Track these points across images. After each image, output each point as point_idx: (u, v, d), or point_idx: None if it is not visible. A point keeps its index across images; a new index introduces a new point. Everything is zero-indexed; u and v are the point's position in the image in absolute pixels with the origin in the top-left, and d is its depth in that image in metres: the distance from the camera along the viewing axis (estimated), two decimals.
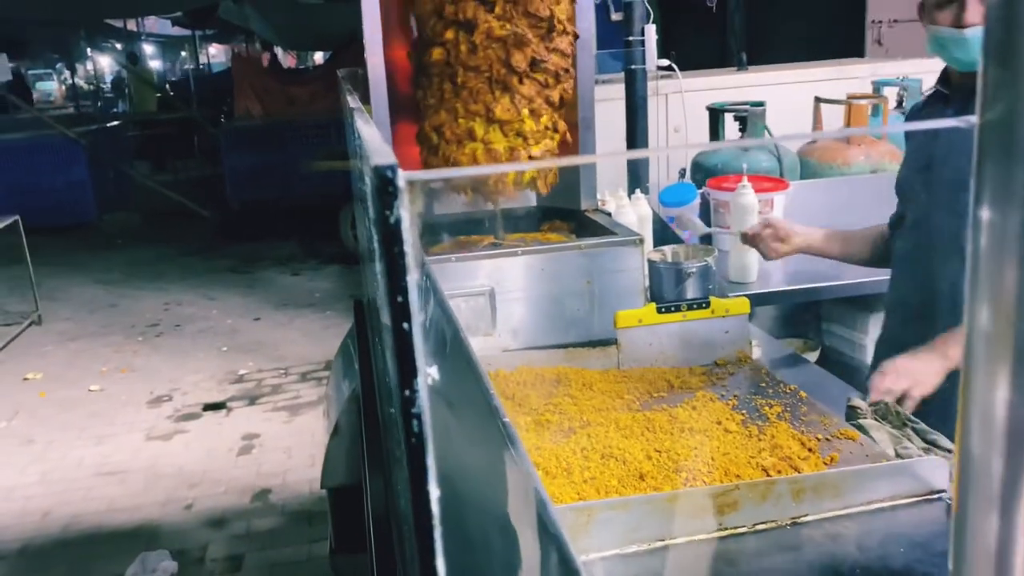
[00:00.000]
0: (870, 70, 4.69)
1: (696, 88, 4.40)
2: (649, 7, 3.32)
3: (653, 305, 1.89)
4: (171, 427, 4.49)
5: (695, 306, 1.89)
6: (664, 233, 2.81)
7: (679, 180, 3.04)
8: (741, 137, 3.60)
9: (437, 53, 2.22)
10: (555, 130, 2.24)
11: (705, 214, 3.09)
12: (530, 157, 2.20)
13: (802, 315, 3.13)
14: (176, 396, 4.88)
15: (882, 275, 2.61)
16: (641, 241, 2.08)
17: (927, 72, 4.51)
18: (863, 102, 3.54)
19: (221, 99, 13.23)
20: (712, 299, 1.90)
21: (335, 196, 7.87)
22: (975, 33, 1.80)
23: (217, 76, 17.30)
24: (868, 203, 3.37)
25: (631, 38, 3.26)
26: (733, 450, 1.44)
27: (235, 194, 9.28)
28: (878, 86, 4.19)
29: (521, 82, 2.16)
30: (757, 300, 2.62)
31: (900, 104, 4.15)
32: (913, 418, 1.61)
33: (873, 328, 2.79)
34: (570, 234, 2.43)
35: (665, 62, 3.75)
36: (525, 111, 2.18)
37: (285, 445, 4.19)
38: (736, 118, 3.61)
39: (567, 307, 2.07)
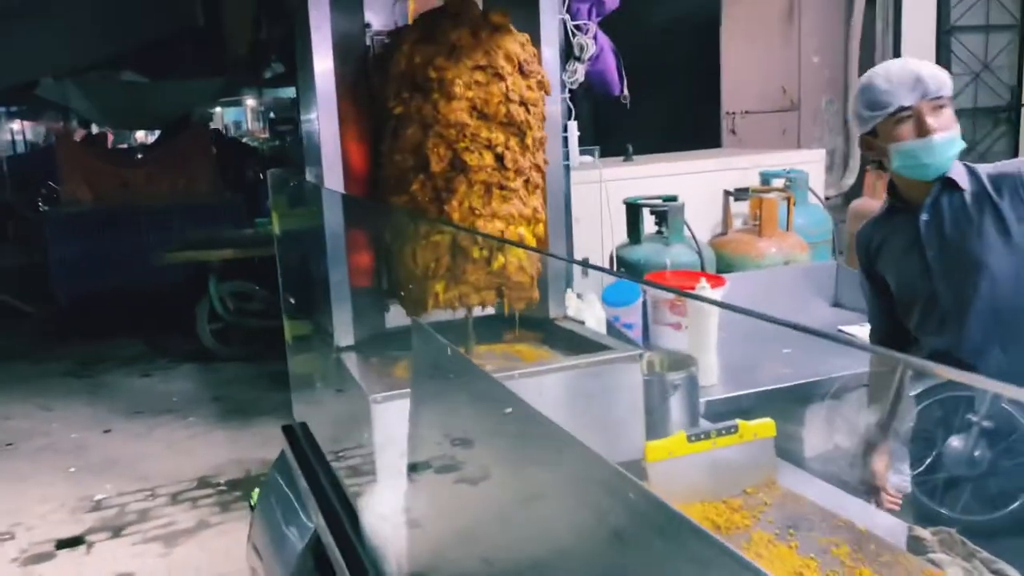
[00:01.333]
0: (750, 161, 4.87)
1: (591, 180, 4.40)
2: (571, 103, 3.27)
3: (682, 434, 1.73)
4: (18, 574, 3.81)
5: (723, 432, 1.74)
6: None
7: (617, 278, 2.94)
8: (659, 232, 3.58)
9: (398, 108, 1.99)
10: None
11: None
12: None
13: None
14: (19, 533, 4.18)
15: (839, 371, 2.61)
16: (641, 356, 1.94)
17: (805, 163, 4.76)
18: (772, 196, 3.63)
19: (39, 181, 12.14)
20: (740, 423, 1.77)
21: (186, 286, 7.31)
22: (943, 136, 1.90)
23: (34, 156, 16.00)
24: (793, 291, 3.44)
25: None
26: None
27: (63, 287, 8.44)
28: (766, 177, 4.35)
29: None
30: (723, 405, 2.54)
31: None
32: (976, 548, 1.53)
33: None
34: (541, 344, 2.25)
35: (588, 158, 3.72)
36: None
37: None
38: (652, 212, 3.59)
39: None
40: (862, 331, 3.09)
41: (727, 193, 3.86)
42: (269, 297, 6.71)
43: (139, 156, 11.43)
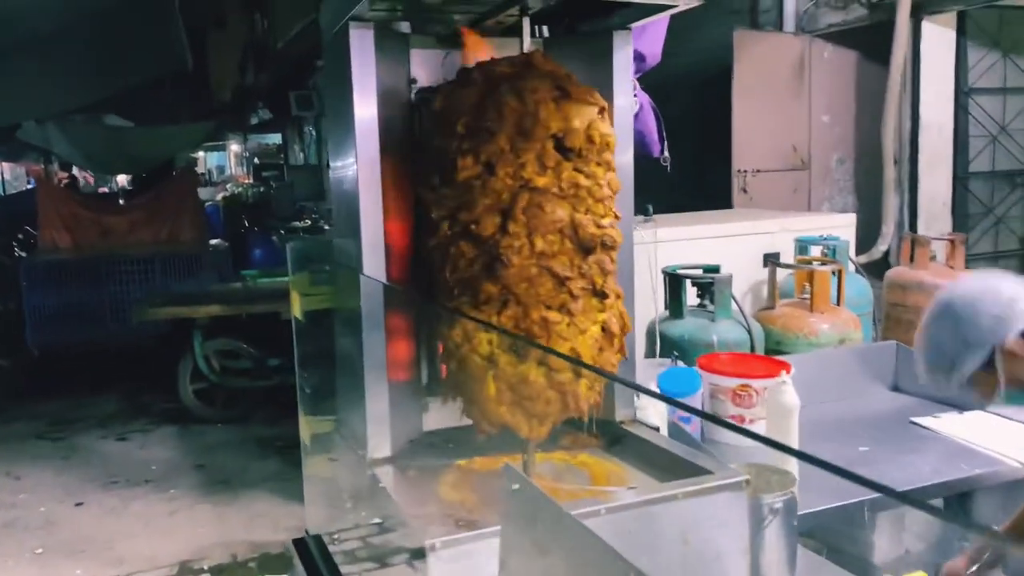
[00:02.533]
0: (778, 224, 4.60)
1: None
2: None
3: None
4: None
5: None
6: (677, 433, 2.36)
7: (674, 362, 2.62)
8: (702, 305, 3.27)
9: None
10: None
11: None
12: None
13: None
14: None
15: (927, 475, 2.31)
16: (748, 483, 1.61)
17: (836, 227, 4.50)
18: (824, 268, 3.35)
19: (15, 226, 11.73)
20: None
21: (167, 342, 6.91)
22: None
23: (12, 199, 15.61)
24: (850, 375, 3.13)
25: None
26: None
27: (37, 338, 8.01)
28: (803, 244, 4.08)
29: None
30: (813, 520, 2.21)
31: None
32: None
33: None
34: (608, 454, 1.92)
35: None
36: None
37: None
38: (695, 284, 3.29)
39: None
40: (935, 423, 2.79)
41: (774, 263, 3.57)
42: (257, 356, 6.32)
43: (121, 202, 11.09)
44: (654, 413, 2.10)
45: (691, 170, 7.36)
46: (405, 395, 1.82)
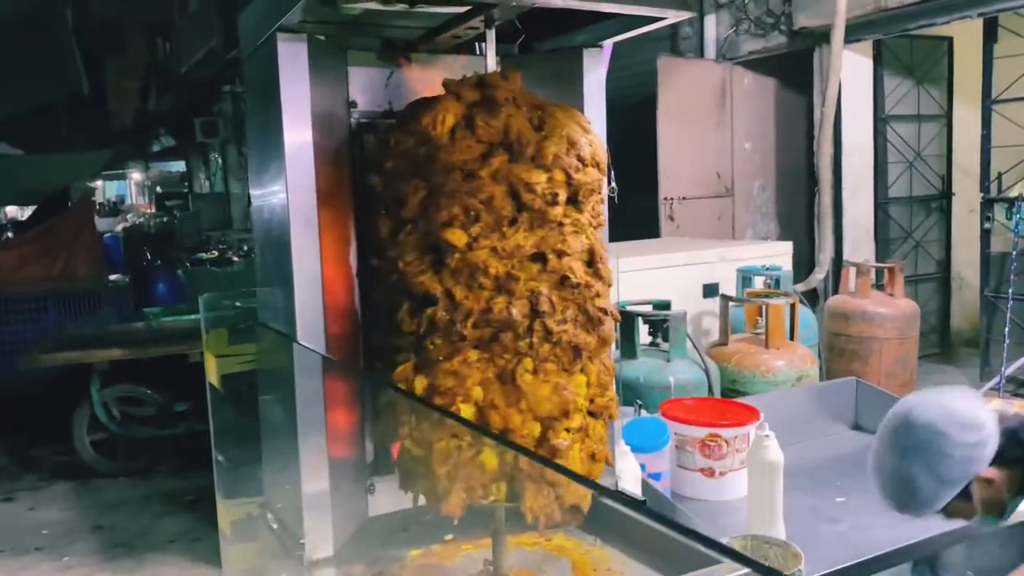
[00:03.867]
0: (717, 254, 4.47)
1: None
2: None
3: None
4: None
5: None
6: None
7: (636, 412, 2.39)
8: (654, 344, 3.06)
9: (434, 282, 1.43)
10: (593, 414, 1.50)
11: None
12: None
13: None
14: None
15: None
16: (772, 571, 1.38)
17: (773, 256, 4.39)
18: (779, 301, 3.19)
19: None
20: None
21: (60, 388, 6.33)
22: None
23: None
24: (811, 414, 2.97)
25: None
26: None
27: None
28: (746, 275, 3.94)
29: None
30: None
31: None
32: None
33: None
34: (585, 533, 1.66)
35: None
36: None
37: None
38: (647, 321, 3.08)
39: None
40: None
41: (725, 298, 3.40)
42: (162, 402, 5.84)
43: (10, 235, 10.32)
44: (632, 478, 1.86)
45: (620, 198, 7.26)
46: (347, 476, 1.53)
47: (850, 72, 6.24)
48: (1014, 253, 5.24)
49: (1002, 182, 5.69)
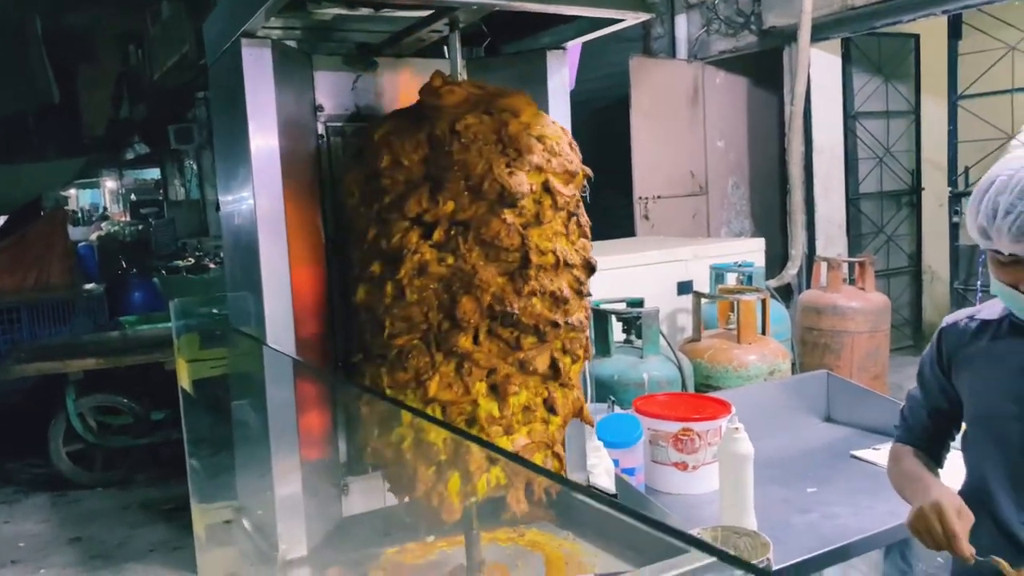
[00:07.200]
0: (691, 252, 4.52)
1: None
2: None
3: None
4: None
5: None
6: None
7: (610, 408, 2.42)
8: (627, 342, 3.10)
9: (360, 292, 1.45)
10: (551, 410, 1.53)
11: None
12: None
13: None
14: None
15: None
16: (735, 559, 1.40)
17: (746, 252, 4.44)
18: (750, 297, 3.23)
19: None
20: None
21: (35, 399, 6.27)
22: None
23: None
24: (783, 407, 3.02)
25: None
26: None
27: None
28: (719, 272, 3.99)
29: (476, 342, 1.44)
30: None
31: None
32: None
33: None
34: (558, 527, 1.68)
35: None
36: (480, 386, 1.45)
37: None
38: (620, 319, 3.11)
39: None
40: (875, 455, 2.68)
41: (698, 295, 3.43)
42: (139, 411, 5.79)
43: None
44: (604, 472, 1.89)
45: (591, 198, 7.30)
46: (320, 477, 1.54)
47: (819, 70, 6.31)
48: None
49: (969, 176, 5.78)
